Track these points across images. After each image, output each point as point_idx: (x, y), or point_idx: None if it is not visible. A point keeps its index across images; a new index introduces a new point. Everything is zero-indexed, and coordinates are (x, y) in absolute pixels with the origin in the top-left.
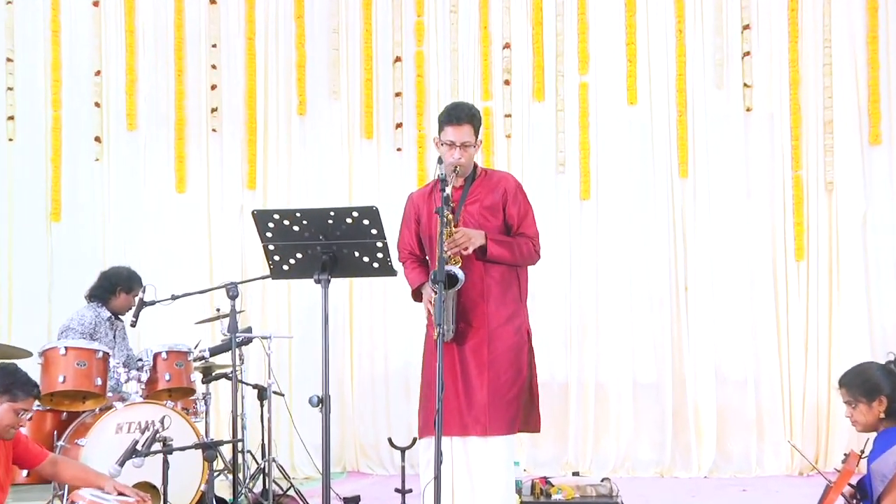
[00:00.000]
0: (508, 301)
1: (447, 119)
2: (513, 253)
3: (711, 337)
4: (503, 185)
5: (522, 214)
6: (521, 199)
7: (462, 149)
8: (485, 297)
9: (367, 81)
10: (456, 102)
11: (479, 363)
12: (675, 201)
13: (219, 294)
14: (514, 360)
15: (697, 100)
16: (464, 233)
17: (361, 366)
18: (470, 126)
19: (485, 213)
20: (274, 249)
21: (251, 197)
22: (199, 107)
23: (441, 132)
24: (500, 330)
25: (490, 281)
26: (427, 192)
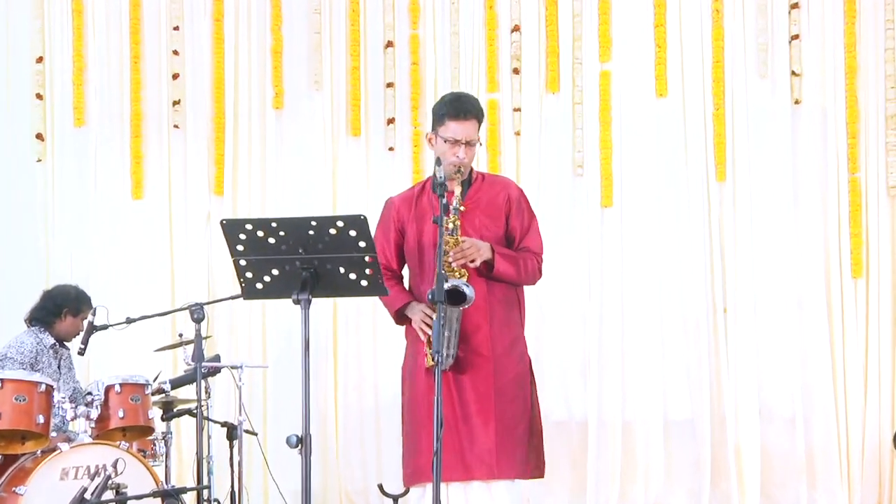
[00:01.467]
0: (511, 325)
1: (450, 111)
2: (518, 270)
3: (754, 367)
4: (505, 192)
5: (526, 226)
6: (525, 208)
7: (467, 147)
8: (489, 320)
9: (353, 70)
10: (458, 93)
11: (483, 395)
12: (711, 209)
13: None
14: (518, 392)
15: (737, 91)
16: (472, 242)
17: (347, 400)
18: (476, 121)
19: (486, 221)
20: (246, 265)
21: (219, 204)
22: (159, 99)
23: (439, 127)
24: (505, 358)
25: (494, 301)
26: (412, 198)
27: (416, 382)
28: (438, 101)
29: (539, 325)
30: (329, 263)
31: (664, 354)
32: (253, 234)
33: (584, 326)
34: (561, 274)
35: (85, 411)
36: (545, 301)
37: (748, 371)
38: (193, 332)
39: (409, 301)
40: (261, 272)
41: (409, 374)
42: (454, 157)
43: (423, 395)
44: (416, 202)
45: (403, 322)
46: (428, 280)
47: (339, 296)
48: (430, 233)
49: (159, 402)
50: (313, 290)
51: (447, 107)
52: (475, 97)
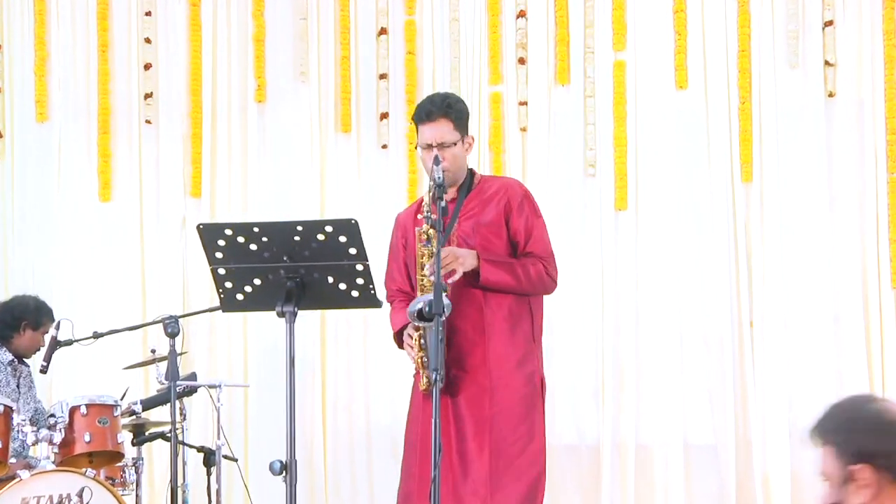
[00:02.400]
0: (518, 340)
1: (416, 116)
2: (516, 277)
3: (784, 386)
4: (505, 193)
5: (529, 228)
6: (529, 209)
7: (441, 150)
8: (485, 334)
9: (343, 60)
10: (429, 95)
11: (478, 419)
12: (736, 213)
13: (154, 331)
14: (524, 415)
15: (765, 83)
16: (449, 251)
17: (337, 422)
18: (446, 119)
19: (483, 231)
20: (225, 274)
21: (196, 207)
22: (129, 92)
23: (417, 134)
24: (508, 377)
25: (492, 314)
26: (413, 212)
27: (413, 404)
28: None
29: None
30: (316, 272)
31: (684, 372)
32: (233, 241)
33: (596, 342)
34: (571, 284)
35: (47, 435)
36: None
37: (777, 391)
38: (167, 348)
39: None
40: (241, 282)
41: (412, 395)
42: (430, 163)
43: (415, 418)
44: (416, 216)
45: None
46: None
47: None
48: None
49: (130, 424)
50: (299, 302)
51: (415, 111)
52: (447, 94)
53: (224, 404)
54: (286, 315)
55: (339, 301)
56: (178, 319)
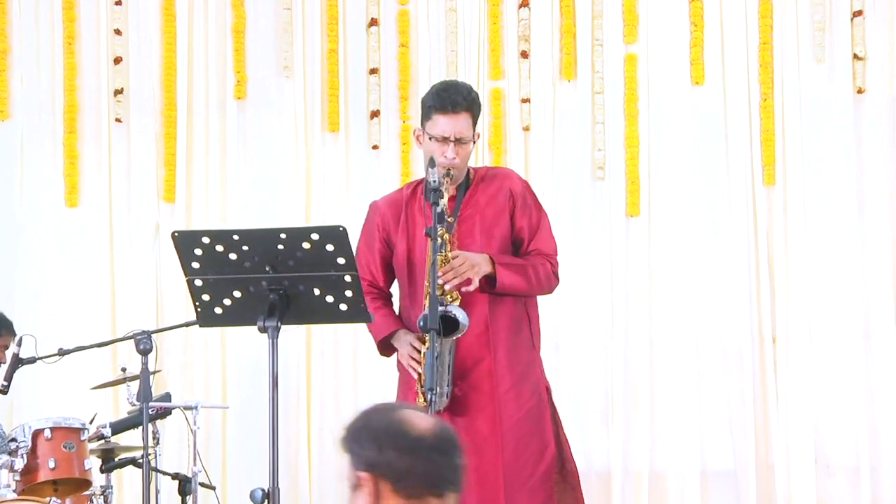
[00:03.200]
0: (521, 349)
1: (437, 104)
2: (528, 280)
3: (810, 407)
4: (506, 187)
5: (535, 225)
6: (532, 204)
7: (458, 145)
8: (491, 347)
9: (330, 53)
10: (447, 82)
11: (486, 443)
12: (757, 219)
13: (125, 347)
14: (534, 429)
15: (789, 78)
16: (465, 258)
17: (323, 447)
18: (469, 114)
19: (485, 228)
20: (202, 286)
21: (170, 213)
22: (98, 88)
23: (427, 122)
24: (514, 392)
25: (496, 322)
26: (401, 201)
27: None
28: (427, 92)
29: (553, 356)
30: (302, 284)
31: (701, 392)
32: (210, 249)
33: (605, 359)
34: (578, 297)
35: (8, 461)
36: (560, 329)
37: (802, 412)
38: (139, 366)
39: (396, 329)
40: (220, 294)
41: None
42: (443, 158)
43: None
44: (406, 208)
45: (390, 353)
46: (419, 303)
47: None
48: (422, 247)
49: (98, 449)
50: (283, 316)
51: (433, 98)
52: (469, 86)
53: (201, 427)
54: (269, 330)
55: (326, 315)
56: (151, 335)
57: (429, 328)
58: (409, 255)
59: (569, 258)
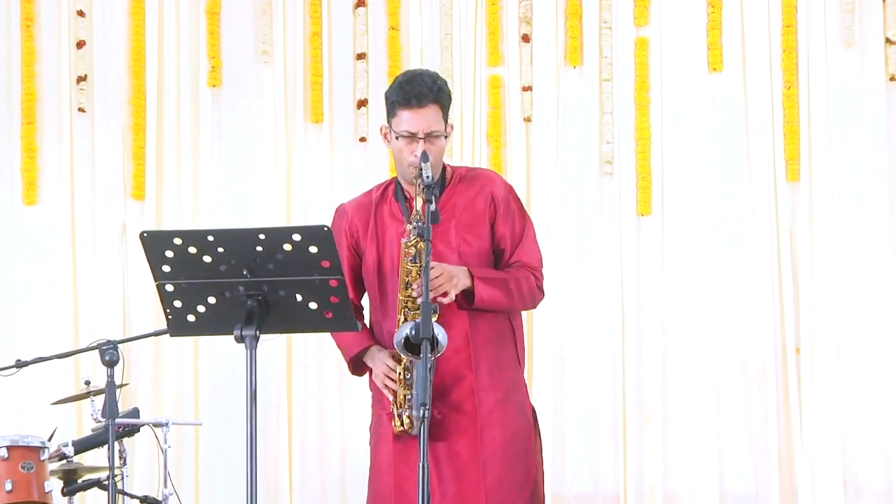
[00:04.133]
0: (505, 367)
1: (400, 98)
2: (509, 295)
3: (837, 424)
4: (486, 191)
5: (519, 234)
6: (516, 209)
7: (428, 141)
8: (472, 364)
9: (313, 37)
10: (410, 72)
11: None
12: (780, 219)
13: (89, 359)
14: (520, 454)
15: (815, 64)
16: (442, 269)
17: (306, 467)
18: (437, 106)
19: (464, 234)
20: (173, 291)
21: (138, 211)
22: (59, 75)
23: (392, 119)
24: (498, 412)
25: (478, 338)
26: (369, 205)
27: (380, 450)
28: (389, 86)
29: (558, 369)
30: (282, 289)
31: (720, 408)
32: (183, 251)
33: (614, 371)
34: (585, 304)
35: None
36: (565, 340)
37: (829, 429)
38: (104, 379)
39: (369, 345)
40: (193, 300)
41: (375, 439)
42: (412, 157)
43: (387, 467)
44: (375, 212)
45: (362, 371)
46: (391, 316)
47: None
48: (393, 254)
49: (59, 470)
50: (262, 325)
51: (396, 92)
52: (435, 74)
53: (172, 446)
54: (246, 340)
55: (309, 323)
56: (118, 345)
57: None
58: (380, 264)
59: (574, 262)
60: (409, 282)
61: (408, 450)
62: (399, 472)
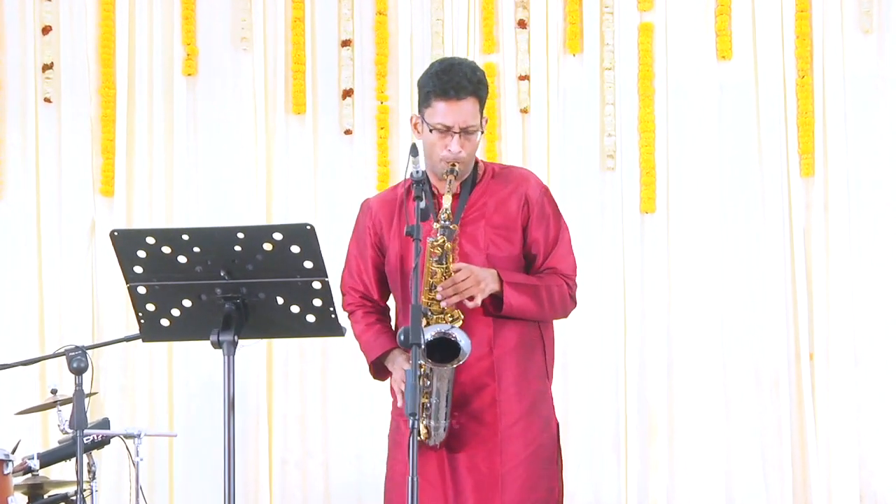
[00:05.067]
0: (532, 378)
1: (437, 88)
2: (540, 303)
3: (853, 435)
4: (520, 192)
5: (553, 239)
6: (551, 213)
7: (464, 137)
8: (496, 376)
9: (295, 22)
10: (448, 61)
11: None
12: (793, 215)
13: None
14: (543, 472)
15: (830, 53)
16: (469, 272)
17: (287, 481)
18: (475, 99)
19: (493, 236)
20: (146, 294)
21: (108, 208)
22: (23, 63)
23: (426, 109)
24: (521, 425)
25: (503, 346)
26: (395, 200)
27: (396, 460)
28: (424, 73)
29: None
30: (262, 291)
31: (729, 417)
32: (156, 251)
33: (617, 378)
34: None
35: None
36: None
37: (845, 441)
38: (72, 388)
39: (391, 348)
40: (167, 304)
41: (392, 446)
42: (446, 152)
43: (400, 476)
44: (401, 208)
45: (385, 376)
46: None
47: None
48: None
49: (24, 485)
50: (240, 329)
51: (433, 81)
52: (474, 64)
53: (144, 459)
54: (224, 346)
55: (290, 328)
56: (87, 351)
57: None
58: (403, 263)
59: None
60: (433, 283)
61: (423, 460)
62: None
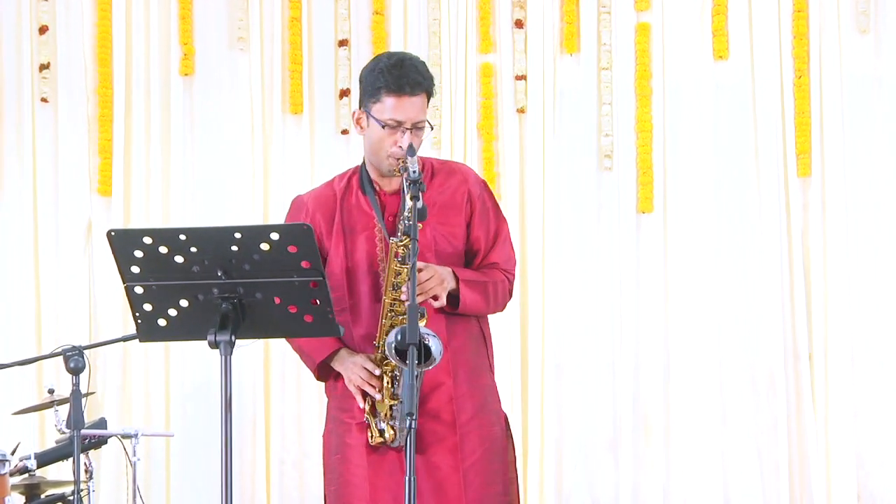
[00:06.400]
0: (481, 373)
1: (390, 83)
2: (487, 299)
3: (852, 435)
4: (463, 186)
5: (493, 234)
6: (491, 206)
7: (414, 133)
8: (452, 373)
9: (292, 21)
10: (397, 56)
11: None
12: (791, 216)
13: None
14: (498, 467)
15: (827, 52)
16: (433, 271)
17: (284, 482)
18: (426, 96)
19: (440, 233)
20: (143, 294)
21: (105, 208)
22: (19, 62)
23: (374, 104)
24: (476, 421)
25: (457, 346)
26: (333, 198)
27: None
28: (369, 68)
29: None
30: (259, 291)
31: (725, 418)
32: (153, 251)
33: (612, 379)
34: (582, 308)
35: None
36: (561, 346)
37: (843, 441)
38: (69, 388)
39: (337, 348)
40: (164, 304)
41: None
42: (395, 148)
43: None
44: (342, 207)
45: (326, 377)
46: (364, 321)
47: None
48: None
49: (21, 485)
50: (237, 329)
51: (384, 76)
52: (420, 59)
53: (141, 458)
54: (221, 346)
55: (288, 328)
56: (84, 351)
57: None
58: (349, 262)
59: (570, 264)
60: (397, 283)
61: (381, 460)
62: (374, 486)
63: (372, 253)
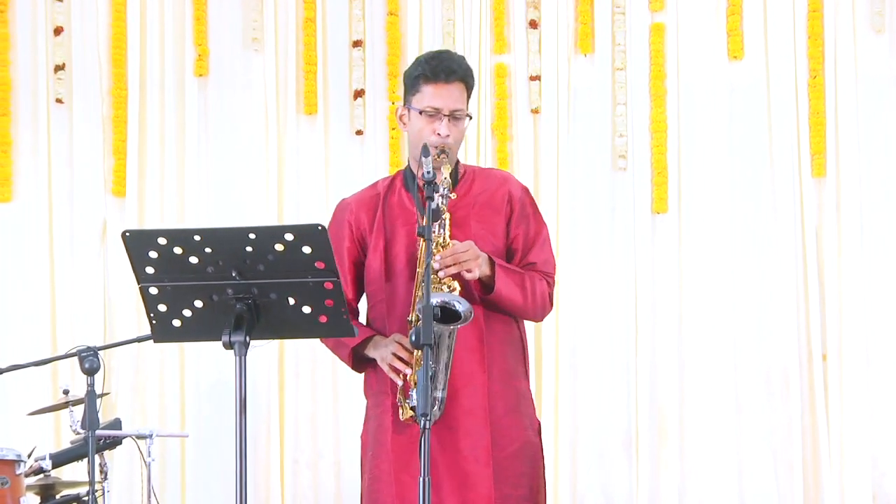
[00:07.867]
0: (517, 377)
1: (427, 72)
2: (525, 294)
3: (866, 436)
4: (504, 189)
5: (532, 236)
6: (532, 212)
7: (451, 121)
8: (486, 367)
9: (307, 23)
10: (436, 50)
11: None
12: (805, 216)
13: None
14: (526, 470)
15: (842, 52)
16: (470, 244)
17: (299, 482)
18: (463, 86)
19: (479, 229)
20: (158, 294)
21: (119, 208)
22: (35, 64)
23: (414, 95)
24: (509, 420)
25: (494, 340)
26: (376, 198)
27: (381, 450)
28: (412, 63)
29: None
30: (274, 292)
31: (740, 419)
32: (167, 252)
33: (628, 379)
34: (597, 308)
35: None
36: (577, 346)
37: (857, 441)
38: (84, 388)
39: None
40: (178, 304)
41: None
42: (434, 137)
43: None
44: (384, 205)
45: (364, 368)
46: (399, 311)
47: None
48: (403, 244)
49: (36, 485)
50: (252, 330)
51: (423, 66)
52: (461, 55)
53: (156, 459)
54: (235, 346)
55: (302, 328)
56: (98, 352)
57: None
58: (387, 255)
59: (585, 264)
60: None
61: (407, 457)
62: (400, 482)
63: (411, 247)
